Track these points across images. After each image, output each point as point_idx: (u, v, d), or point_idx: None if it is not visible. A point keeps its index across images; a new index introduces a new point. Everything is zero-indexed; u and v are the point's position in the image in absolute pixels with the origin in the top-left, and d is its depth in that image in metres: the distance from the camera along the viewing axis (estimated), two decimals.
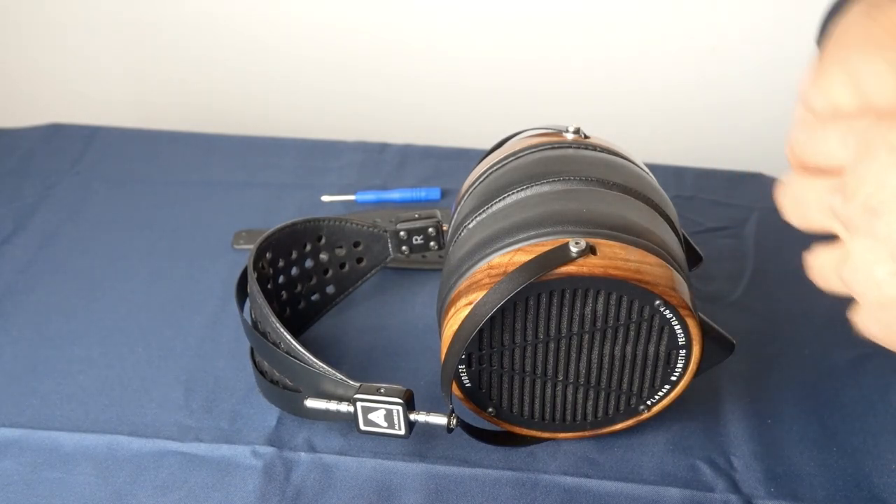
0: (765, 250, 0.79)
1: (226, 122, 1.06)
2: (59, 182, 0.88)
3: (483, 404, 0.59)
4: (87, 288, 0.76)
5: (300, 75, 1.29)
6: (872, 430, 0.62)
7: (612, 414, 0.59)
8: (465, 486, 0.59)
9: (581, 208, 0.56)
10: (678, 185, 0.86)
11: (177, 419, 0.64)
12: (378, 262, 0.71)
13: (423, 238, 0.69)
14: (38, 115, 1.03)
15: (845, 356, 0.68)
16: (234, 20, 1.28)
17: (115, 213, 0.84)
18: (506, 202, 0.58)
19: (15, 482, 0.60)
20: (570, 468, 0.60)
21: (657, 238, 0.56)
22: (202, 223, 0.83)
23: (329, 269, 0.70)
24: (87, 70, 1.34)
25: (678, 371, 0.57)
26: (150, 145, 0.94)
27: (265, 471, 0.60)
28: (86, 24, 1.31)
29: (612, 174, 0.59)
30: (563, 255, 0.52)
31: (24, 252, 0.79)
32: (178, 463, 0.61)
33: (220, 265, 0.78)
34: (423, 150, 0.93)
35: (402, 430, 0.58)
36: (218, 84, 1.32)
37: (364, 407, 0.57)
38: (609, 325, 0.55)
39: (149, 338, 0.70)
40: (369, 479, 0.59)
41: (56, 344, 0.70)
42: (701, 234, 0.80)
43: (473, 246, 0.56)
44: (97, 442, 0.62)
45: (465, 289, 0.55)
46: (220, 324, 0.72)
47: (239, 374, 0.67)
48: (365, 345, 0.70)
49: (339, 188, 0.87)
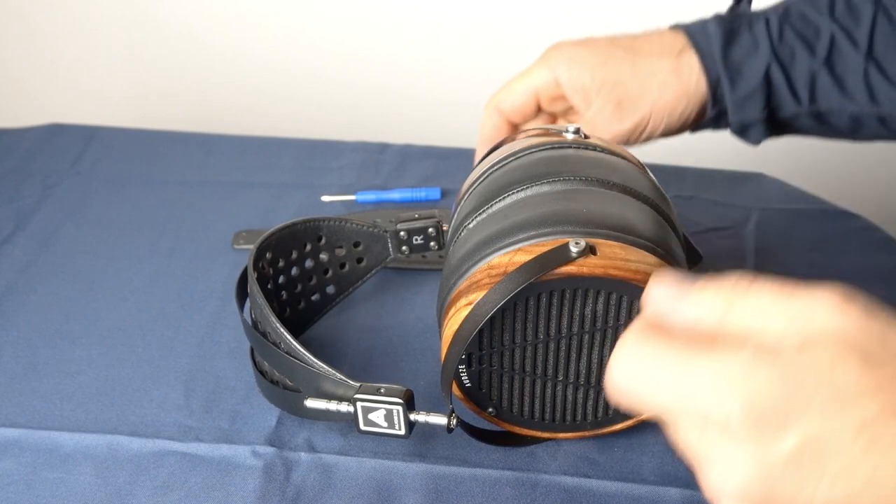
0: (765, 250, 0.79)
1: (226, 122, 1.06)
2: (59, 182, 0.88)
3: (483, 404, 0.59)
4: (87, 288, 0.76)
5: (300, 75, 1.30)
6: None
7: (612, 414, 0.59)
8: (466, 486, 0.59)
9: (581, 208, 0.56)
10: (678, 185, 0.86)
11: (177, 419, 0.64)
12: (378, 263, 0.71)
13: (423, 238, 0.69)
14: (38, 115, 1.03)
15: None
16: (235, 20, 1.28)
17: (115, 213, 0.84)
18: (506, 202, 0.58)
19: (15, 482, 0.60)
20: (570, 468, 0.60)
21: (657, 238, 0.56)
22: (202, 223, 0.83)
23: (329, 269, 0.70)
24: (87, 70, 1.34)
25: None
26: (150, 145, 0.94)
27: (265, 471, 0.60)
28: (86, 24, 1.31)
29: (612, 174, 0.59)
30: (563, 255, 0.52)
31: (24, 252, 0.79)
32: (178, 463, 0.61)
33: (220, 265, 0.78)
34: (423, 150, 0.93)
35: (402, 430, 0.58)
36: (218, 84, 1.32)
37: (364, 407, 0.57)
38: (609, 325, 0.55)
39: (149, 338, 0.70)
40: (369, 479, 0.59)
41: (56, 344, 0.70)
42: (701, 234, 0.80)
43: (473, 246, 0.56)
44: (97, 442, 0.62)
45: (465, 289, 0.55)
46: (220, 324, 0.72)
47: (239, 374, 0.67)
48: (365, 345, 0.70)
49: (339, 188, 0.87)
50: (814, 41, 0.74)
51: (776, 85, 0.74)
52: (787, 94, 0.75)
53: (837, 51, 0.74)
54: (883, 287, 0.75)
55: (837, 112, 0.75)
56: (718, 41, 0.74)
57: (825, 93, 0.75)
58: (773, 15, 0.75)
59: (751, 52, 0.74)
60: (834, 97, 0.74)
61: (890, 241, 0.81)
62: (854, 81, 0.74)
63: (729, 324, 0.39)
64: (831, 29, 0.74)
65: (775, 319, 0.38)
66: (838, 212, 0.85)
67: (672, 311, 0.41)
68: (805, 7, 0.75)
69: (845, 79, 0.74)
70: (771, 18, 0.75)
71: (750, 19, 0.75)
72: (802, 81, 0.74)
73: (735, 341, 0.38)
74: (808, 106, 0.75)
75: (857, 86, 0.74)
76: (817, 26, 0.74)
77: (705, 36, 0.75)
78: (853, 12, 0.74)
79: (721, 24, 0.75)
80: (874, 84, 0.74)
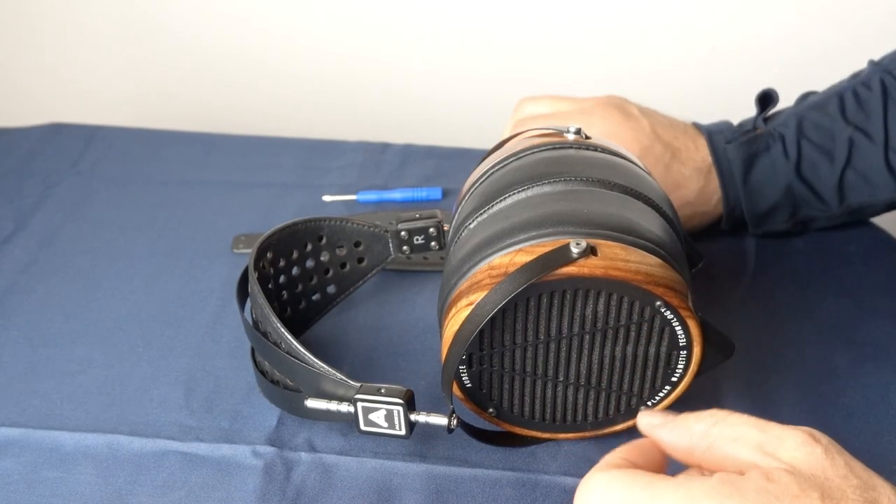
0: (765, 250, 0.79)
1: (226, 122, 1.06)
2: (59, 182, 0.88)
3: (484, 405, 0.59)
4: (87, 288, 0.76)
5: (301, 75, 1.29)
6: (873, 431, 0.62)
7: (613, 415, 0.59)
8: (466, 486, 0.59)
9: (582, 209, 0.55)
10: None
11: (177, 419, 0.64)
12: (379, 262, 0.71)
13: (424, 238, 0.69)
14: (38, 115, 1.03)
15: (845, 356, 0.68)
16: (235, 20, 1.28)
17: (115, 213, 0.84)
18: (507, 202, 0.58)
19: (15, 482, 0.60)
20: (570, 469, 0.60)
21: (658, 239, 0.56)
22: (202, 223, 0.83)
23: (330, 268, 0.70)
24: (87, 70, 1.34)
25: (679, 372, 0.57)
26: (150, 145, 0.94)
27: (265, 471, 0.60)
28: (86, 23, 1.31)
29: (613, 175, 0.59)
30: (563, 255, 0.52)
31: (24, 252, 0.79)
32: (179, 463, 0.61)
33: (220, 265, 0.78)
34: (424, 150, 0.93)
35: (402, 430, 0.58)
36: (218, 84, 1.32)
37: (364, 407, 0.57)
38: (610, 325, 0.55)
39: (149, 338, 0.70)
40: (370, 480, 0.59)
41: (56, 344, 0.70)
42: (701, 234, 0.79)
43: (474, 246, 0.56)
44: (97, 441, 0.62)
45: (465, 289, 0.55)
46: (220, 324, 0.72)
47: (239, 374, 0.67)
48: (366, 345, 0.70)
49: (340, 188, 0.87)
50: (832, 149, 0.75)
51: (800, 197, 0.76)
52: (814, 202, 0.76)
53: (857, 150, 0.75)
54: (883, 287, 0.75)
55: (869, 205, 0.77)
56: (739, 168, 0.75)
57: (853, 191, 0.76)
58: (787, 131, 0.76)
59: (770, 176, 0.75)
60: (864, 192, 0.76)
61: (890, 240, 0.81)
62: (877, 173, 0.75)
63: (702, 448, 0.44)
64: (847, 132, 0.75)
65: (747, 445, 0.43)
66: None
67: (653, 437, 0.46)
68: (817, 115, 0.76)
69: (869, 174, 0.75)
70: (787, 135, 0.75)
71: (766, 141, 0.76)
72: (828, 189, 0.76)
73: (706, 467, 0.44)
74: (838, 207, 0.76)
75: (880, 176, 0.75)
76: (832, 133, 0.75)
77: (727, 161, 0.76)
78: (864, 109, 0.76)
79: (741, 150, 0.75)
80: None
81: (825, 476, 0.41)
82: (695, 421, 0.45)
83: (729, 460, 0.43)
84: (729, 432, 0.43)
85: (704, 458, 0.44)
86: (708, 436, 0.44)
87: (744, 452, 0.43)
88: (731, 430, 0.43)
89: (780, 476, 0.41)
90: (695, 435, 0.44)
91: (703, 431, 0.44)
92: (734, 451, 0.43)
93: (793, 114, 0.77)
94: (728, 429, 0.44)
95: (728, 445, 0.43)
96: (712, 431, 0.44)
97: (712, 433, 0.44)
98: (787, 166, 0.75)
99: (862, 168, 0.75)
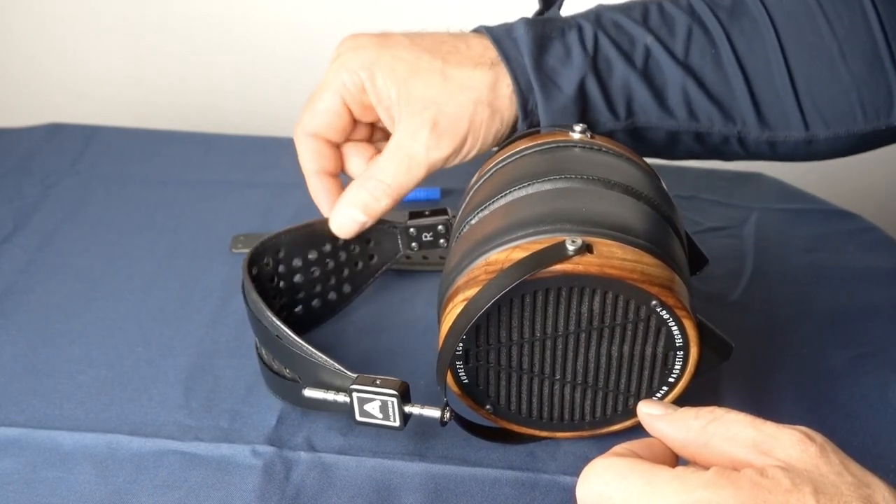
0: (765, 250, 0.79)
1: (226, 122, 1.06)
2: (59, 182, 0.88)
3: (480, 401, 0.59)
4: (87, 288, 0.76)
5: (301, 75, 1.29)
6: (872, 430, 0.62)
7: (610, 414, 0.59)
8: (465, 485, 0.59)
9: (580, 207, 0.56)
10: (678, 185, 0.86)
11: (176, 418, 0.64)
12: (388, 259, 0.71)
13: (432, 235, 0.69)
14: (38, 115, 1.03)
15: (844, 356, 0.68)
16: (234, 20, 1.28)
17: (115, 213, 0.84)
18: (507, 199, 0.58)
19: (15, 482, 0.60)
20: (569, 468, 0.60)
21: (656, 239, 0.56)
22: (202, 223, 0.83)
23: (346, 268, 0.71)
24: (87, 70, 1.34)
25: (676, 373, 0.57)
26: (150, 145, 0.94)
27: (265, 470, 0.60)
28: (86, 24, 1.31)
29: (614, 174, 0.59)
30: (558, 252, 0.52)
31: (24, 252, 0.79)
32: (178, 462, 0.61)
33: (220, 264, 0.78)
34: None
35: (396, 422, 0.58)
36: (218, 84, 1.32)
37: (360, 398, 0.58)
38: (605, 324, 0.55)
39: (148, 337, 0.71)
40: (369, 479, 0.59)
41: (56, 344, 0.70)
42: (701, 234, 0.80)
43: (473, 243, 0.57)
44: (97, 441, 0.62)
45: (462, 285, 0.55)
46: (219, 323, 0.72)
47: (239, 374, 0.67)
48: (365, 345, 0.70)
49: None
50: (630, 51, 0.67)
51: (592, 99, 0.67)
52: (603, 108, 0.67)
53: (654, 62, 0.67)
54: (882, 287, 0.75)
55: (655, 128, 0.68)
56: (529, 50, 0.66)
57: (643, 108, 0.67)
58: (585, 22, 0.67)
59: (564, 62, 0.66)
60: (653, 112, 0.68)
61: (889, 241, 0.81)
62: (673, 95, 0.67)
63: (698, 445, 0.45)
64: (647, 39, 0.67)
65: (742, 444, 0.43)
66: (838, 212, 0.85)
67: (651, 428, 0.47)
68: (618, 15, 0.68)
69: (665, 93, 0.67)
70: (584, 26, 0.67)
71: (561, 26, 0.67)
72: (620, 95, 0.67)
73: (701, 462, 0.45)
74: (624, 121, 0.68)
75: (676, 100, 0.67)
76: (632, 35, 0.67)
77: (513, 43, 0.66)
78: (668, 23, 0.68)
79: (530, 30, 0.66)
80: (692, 98, 0.67)
81: (819, 472, 0.41)
82: (692, 417, 0.45)
83: (724, 458, 0.43)
84: (724, 431, 0.44)
85: (700, 455, 0.45)
86: (704, 433, 0.44)
87: (739, 451, 0.43)
88: (727, 429, 0.44)
89: (774, 472, 0.41)
90: (691, 431, 0.45)
91: (699, 428, 0.45)
92: (729, 449, 0.43)
93: (591, 10, 0.69)
94: (724, 427, 0.44)
95: (723, 444, 0.44)
96: (708, 429, 0.44)
97: (708, 430, 0.44)
98: (583, 58, 0.66)
99: (659, 84, 0.67)
